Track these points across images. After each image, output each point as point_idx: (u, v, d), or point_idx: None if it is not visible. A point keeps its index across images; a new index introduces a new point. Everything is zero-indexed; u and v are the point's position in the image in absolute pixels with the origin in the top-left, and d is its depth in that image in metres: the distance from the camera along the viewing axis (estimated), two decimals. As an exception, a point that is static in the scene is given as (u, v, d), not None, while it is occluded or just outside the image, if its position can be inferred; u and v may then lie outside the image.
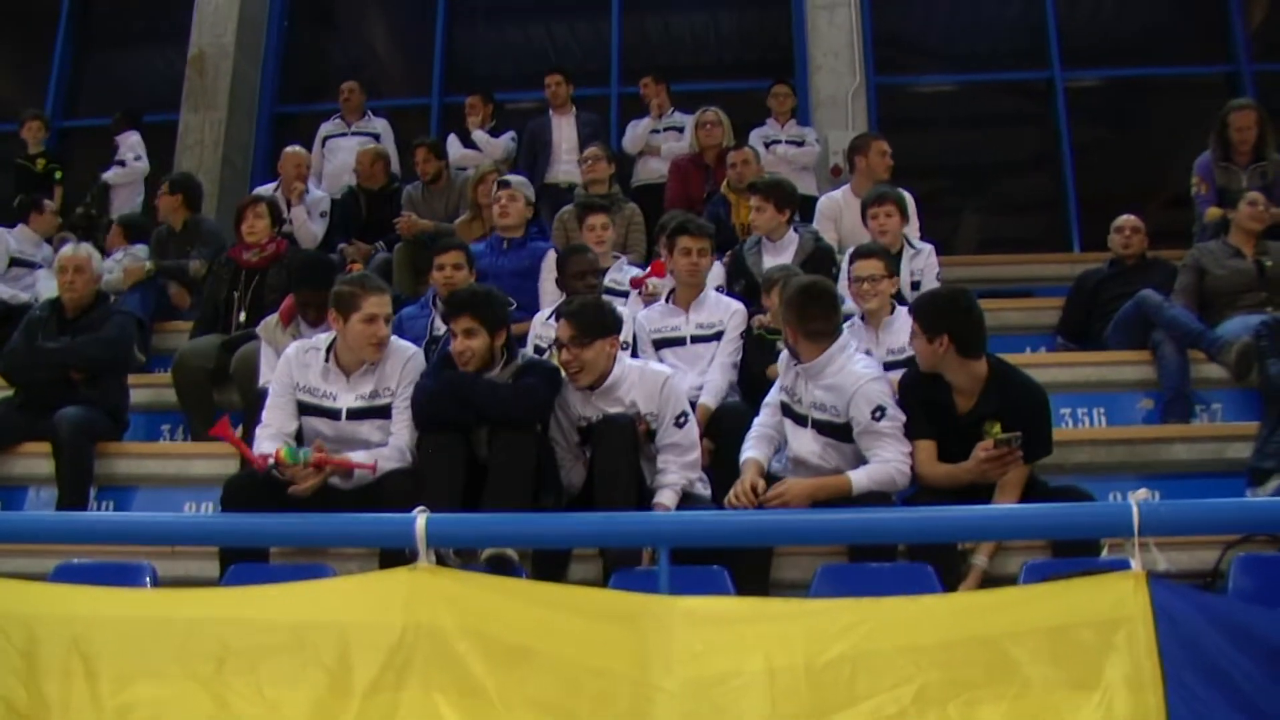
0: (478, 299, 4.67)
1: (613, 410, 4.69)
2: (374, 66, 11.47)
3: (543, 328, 5.64)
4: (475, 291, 4.82)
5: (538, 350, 5.54)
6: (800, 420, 4.73)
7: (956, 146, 10.96)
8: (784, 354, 4.83)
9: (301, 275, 5.82)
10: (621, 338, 4.92)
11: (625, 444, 4.56)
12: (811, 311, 4.59)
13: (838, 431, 4.65)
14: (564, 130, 8.88)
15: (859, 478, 4.43)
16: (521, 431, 4.55)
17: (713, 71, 10.86)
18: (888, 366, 5.03)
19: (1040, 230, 10.51)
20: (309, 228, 8.16)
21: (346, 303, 4.62)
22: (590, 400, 4.76)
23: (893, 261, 5.65)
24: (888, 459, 4.48)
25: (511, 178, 7.11)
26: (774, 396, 4.85)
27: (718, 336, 5.57)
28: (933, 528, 3.37)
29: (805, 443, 4.69)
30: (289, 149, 8.53)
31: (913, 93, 10.79)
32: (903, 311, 5.20)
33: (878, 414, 4.50)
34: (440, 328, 5.65)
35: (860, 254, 5.52)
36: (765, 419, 4.85)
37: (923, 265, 6.33)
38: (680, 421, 4.72)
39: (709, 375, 5.49)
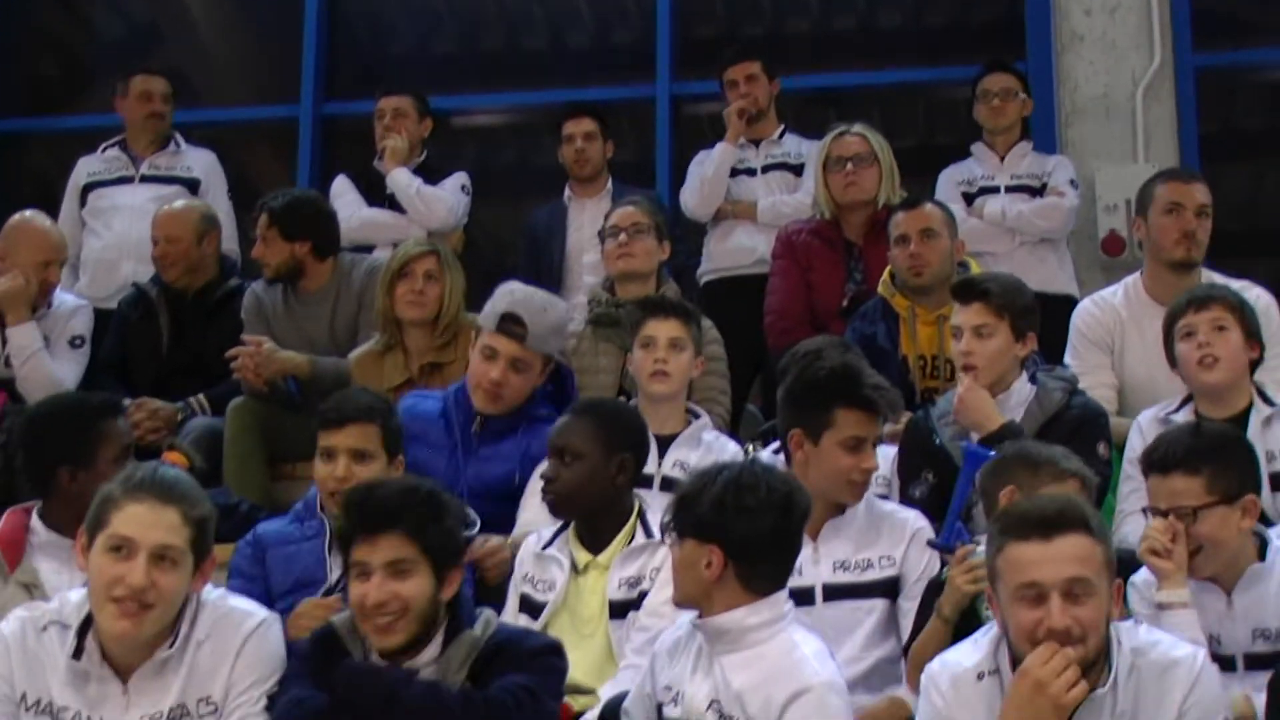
0: (410, 503, 2.88)
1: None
2: (183, 44, 7.02)
3: (535, 564, 3.50)
4: (407, 490, 2.96)
5: (529, 608, 3.45)
6: None
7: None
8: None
9: (35, 445, 3.51)
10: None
11: None
12: None
13: None
14: (591, 228, 5.18)
15: None
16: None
17: (857, 49, 6.49)
18: None
19: None
20: (50, 371, 4.82)
21: (94, 517, 2.92)
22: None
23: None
24: None
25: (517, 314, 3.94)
26: None
27: (874, 589, 3.31)
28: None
29: None
30: (21, 219, 4.97)
31: (1273, 81, 6.20)
32: None
33: None
34: (332, 570, 3.48)
35: None
36: None
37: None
38: None
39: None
